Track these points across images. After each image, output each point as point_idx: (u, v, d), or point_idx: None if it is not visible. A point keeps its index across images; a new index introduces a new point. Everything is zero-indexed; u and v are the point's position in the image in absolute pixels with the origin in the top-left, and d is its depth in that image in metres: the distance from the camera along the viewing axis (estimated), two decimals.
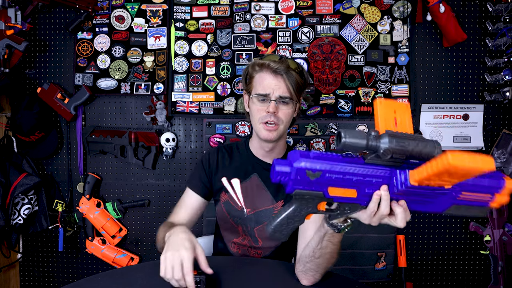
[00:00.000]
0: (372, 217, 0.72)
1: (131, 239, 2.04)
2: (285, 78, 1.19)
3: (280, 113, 1.21)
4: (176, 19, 1.96)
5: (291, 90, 1.20)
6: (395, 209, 0.70)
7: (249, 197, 1.28)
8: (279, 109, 1.20)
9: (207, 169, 1.32)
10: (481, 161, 0.51)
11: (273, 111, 1.19)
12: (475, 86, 1.95)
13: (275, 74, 1.19)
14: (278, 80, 1.19)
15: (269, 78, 1.20)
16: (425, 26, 1.94)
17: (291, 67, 1.20)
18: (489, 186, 0.66)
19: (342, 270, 1.94)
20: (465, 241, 1.99)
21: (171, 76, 1.96)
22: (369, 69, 1.92)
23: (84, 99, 1.92)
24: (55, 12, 2.00)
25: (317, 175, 0.65)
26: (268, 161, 1.31)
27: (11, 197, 1.83)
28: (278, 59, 1.21)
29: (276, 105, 1.20)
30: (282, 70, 1.18)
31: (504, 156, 1.91)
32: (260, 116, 1.22)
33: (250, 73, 1.26)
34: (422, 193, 0.67)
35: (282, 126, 1.22)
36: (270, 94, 1.20)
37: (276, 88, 1.19)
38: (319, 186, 0.66)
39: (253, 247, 1.29)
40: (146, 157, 1.96)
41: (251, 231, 1.28)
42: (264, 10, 1.93)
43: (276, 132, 1.21)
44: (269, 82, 1.20)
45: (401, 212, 0.70)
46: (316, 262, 0.94)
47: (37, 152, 1.97)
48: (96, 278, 1.02)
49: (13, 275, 2.06)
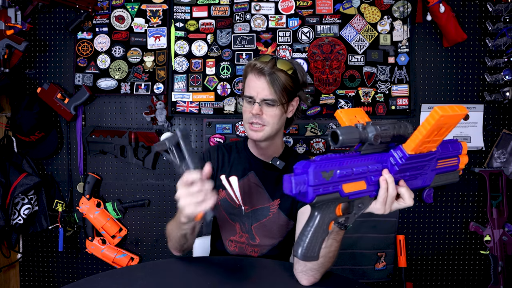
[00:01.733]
0: (384, 204, 0.75)
1: (131, 239, 2.04)
2: (268, 80, 1.19)
3: (265, 114, 1.21)
4: (176, 19, 1.96)
5: (275, 92, 1.19)
6: (400, 190, 0.75)
7: (247, 195, 1.29)
8: (263, 111, 1.21)
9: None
10: (459, 108, 0.64)
11: (256, 113, 1.20)
12: (475, 86, 1.95)
13: (259, 75, 1.20)
14: (262, 82, 1.20)
15: (255, 80, 1.21)
16: (425, 26, 1.94)
17: (281, 67, 1.20)
18: (453, 149, 0.78)
19: (342, 270, 1.94)
20: (465, 241, 1.99)
21: (171, 76, 1.96)
22: (369, 69, 1.92)
23: (84, 99, 1.92)
24: (55, 12, 2.00)
25: (331, 174, 0.67)
26: (265, 160, 1.31)
27: (11, 197, 1.83)
28: (268, 59, 1.21)
29: (260, 106, 1.20)
30: (266, 71, 1.18)
31: (504, 156, 1.91)
32: (246, 116, 1.24)
33: (244, 74, 1.28)
34: (417, 165, 0.73)
35: (269, 127, 1.23)
36: (255, 96, 1.21)
37: (260, 90, 1.20)
38: (334, 186, 0.68)
39: (250, 244, 1.30)
40: (146, 157, 1.96)
41: (248, 229, 1.29)
42: (264, 10, 1.93)
43: (262, 133, 1.23)
44: (254, 84, 1.21)
45: (406, 191, 0.75)
46: (318, 262, 0.94)
47: (37, 152, 1.97)
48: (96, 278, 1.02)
49: (13, 275, 2.06)
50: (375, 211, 0.77)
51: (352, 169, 0.68)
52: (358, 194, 0.72)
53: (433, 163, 0.76)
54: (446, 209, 1.98)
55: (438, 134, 0.67)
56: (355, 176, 0.69)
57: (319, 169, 0.65)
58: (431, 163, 0.75)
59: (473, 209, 1.98)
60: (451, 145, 0.79)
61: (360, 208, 0.75)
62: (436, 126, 0.63)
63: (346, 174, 0.68)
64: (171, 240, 1.17)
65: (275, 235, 1.28)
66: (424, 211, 1.98)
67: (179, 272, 1.08)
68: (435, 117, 0.61)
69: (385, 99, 1.93)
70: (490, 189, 1.89)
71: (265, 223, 1.27)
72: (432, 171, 0.77)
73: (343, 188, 0.68)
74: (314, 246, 0.71)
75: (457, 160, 0.80)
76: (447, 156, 0.77)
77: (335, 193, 0.68)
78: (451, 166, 0.79)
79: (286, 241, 1.30)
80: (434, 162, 0.76)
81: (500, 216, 1.88)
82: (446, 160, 0.78)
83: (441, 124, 0.63)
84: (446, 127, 0.66)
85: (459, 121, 0.65)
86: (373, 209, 0.77)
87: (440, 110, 0.61)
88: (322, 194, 0.67)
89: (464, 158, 0.81)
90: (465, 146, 0.81)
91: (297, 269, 1.01)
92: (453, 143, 0.79)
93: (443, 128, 0.66)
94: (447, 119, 0.63)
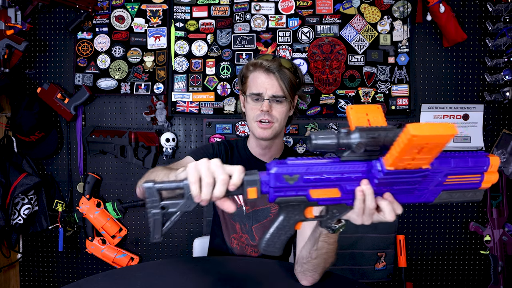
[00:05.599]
0: (362, 215, 0.70)
1: (131, 239, 2.04)
2: (277, 77, 1.19)
3: (274, 111, 1.21)
4: (176, 19, 1.96)
5: (284, 89, 1.20)
6: (380, 203, 0.68)
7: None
8: (272, 108, 1.21)
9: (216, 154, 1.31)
10: (442, 128, 0.52)
11: (266, 109, 1.19)
12: (475, 86, 1.95)
13: (268, 72, 1.20)
14: (271, 79, 1.20)
15: (262, 77, 1.21)
16: (425, 26, 1.94)
17: (284, 65, 1.21)
18: (474, 166, 0.66)
19: (342, 270, 1.94)
20: (465, 241, 1.99)
21: (171, 76, 1.96)
22: (369, 69, 1.92)
23: (84, 99, 1.92)
24: (55, 12, 2.00)
25: (295, 178, 0.65)
26: (266, 161, 1.31)
27: (11, 197, 1.83)
28: (271, 58, 1.22)
29: (270, 103, 1.20)
30: (274, 68, 1.19)
31: (504, 156, 1.91)
32: (255, 114, 1.23)
33: (245, 74, 1.27)
34: (403, 180, 0.65)
35: (277, 124, 1.23)
36: (263, 93, 1.20)
37: (269, 86, 1.20)
38: (300, 190, 0.67)
39: (250, 244, 1.30)
40: (146, 157, 1.96)
41: (249, 229, 1.29)
42: (264, 10, 1.93)
43: (270, 130, 1.22)
44: (262, 81, 1.21)
45: (386, 205, 0.68)
46: (313, 263, 0.94)
47: (37, 152, 1.97)
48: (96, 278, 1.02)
49: (13, 275, 2.06)
50: (353, 221, 0.74)
51: (322, 175, 0.66)
52: (330, 201, 0.69)
53: (437, 178, 0.67)
54: (446, 209, 1.98)
55: (423, 153, 0.57)
56: (326, 183, 0.67)
57: (281, 173, 0.65)
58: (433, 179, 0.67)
59: (473, 209, 1.98)
60: (473, 160, 0.66)
61: (335, 214, 0.72)
62: (410, 145, 0.55)
63: (314, 180, 0.66)
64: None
65: None
66: (424, 211, 1.98)
67: (179, 272, 1.08)
68: (406, 136, 0.53)
69: (385, 99, 1.93)
70: (490, 189, 1.89)
71: (265, 224, 1.27)
72: (438, 186, 0.68)
73: (311, 193, 0.67)
74: (275, 242, 0.73)
75: (480, 177, 0.67)
76: (462, 172, 0.67)
77: (301, 196, 0.67)
78: (469, 184, 0.68)
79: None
80: (440, 178, 0.67)
81: (500, 216, 1.88)
82: (461, 177, 0.67)
83: (418, 144, 0.55)
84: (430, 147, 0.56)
85: (447, 141, 0.55)
86: (350, 218, 0.73)
87: (412, 129, 0.52)
88: (284, 196, 0.67)
89: (491, 176, 0.68)
90: (495, 162, 0.67)
91: (296, 269, 1.01)
92: (477, 158, 0.67)
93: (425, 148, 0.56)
94: (424, 140, 0.53)
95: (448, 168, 0.66)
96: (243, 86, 1.29)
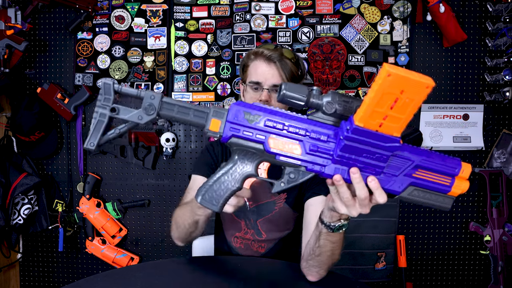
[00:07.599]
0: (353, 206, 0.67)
1: (131, 239, 2.04)
2: (278, 66, 1.17)
3: (274, 101, 1.18)
4: (176, 19, 1.96)
5: (284, 79, 1.17)
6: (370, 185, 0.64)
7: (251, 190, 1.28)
8: (272, 98, 1.18)
9: (214, 157, 1.30)
10: (419, 75, 0.50)
11: (265, 99, 1.16)
12: (475, 86, 1.95)
13: (269, 61, 1.17)
14: (271, 68, 1.17)
15: (263, 66, 1.18)
16: (425, 26, 1.94)
17: (286, 55, 1.19)
18: (445, 165, 0.63)
19: (342, 270, 1.94)
20: (465, 241, 1.99)
21: (171, 76, 1.96)
22: (369, 69, 1.92)
23: (84, 99, 1.92)
24: (55, 12, 2.00)
25: (256, 118, 0.61)
26: None
27: (11, 197, 1.83)
28: (273, 48, 1.20)
29: (269, 93, 1.18)
30: (275, 57, 1.16)
31: (504, 156, 1.91)
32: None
33: (246, 62, 1.24)
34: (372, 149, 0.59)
35: None
36: (263, 83, 1.18)
37: (269, 76, 1.17)
38: (259, 134, 0.62)
39: (257, 240, 1.29)
40: (146, 157, 1.96)
41: (254, 224, 1.28)
42: (264, 10, 1.93)
43: None
44: (262, 70, 1.18)
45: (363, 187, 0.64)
46: (318, 260, 0.94)
47: (37, 152, 1.97)
48: (96, 278, 1.02)
49: (13, 275, 2.06)
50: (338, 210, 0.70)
51: (284, 124, 0.61)
52: (289, 158, 0.63)
53: (406, 165, 0.63)
54: None
55: (396, 109, 0.53)
56: (287, 133, 0.61)
57: (243, 109, 0.60)
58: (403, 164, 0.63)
59: (473, 209, 1.98)
60: (446, 159, 0.64)
61: (292, 179, 0.65)
62: (385, 86, 0.50)
63: (275, 127, 0.61)
64: (178, 227, 1.11)
65: (282, 228, 1.27)
66: (424, 211, 1.98)
67: (179, 272, 1.08)
68: (382, 74, 0.49)
69: None
70: (490, 189, 1.89)
71: (270, 218, 1.26)
72: (406, 176, 0.64)
73: (269, 142, 0.62)
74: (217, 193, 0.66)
75: (450, 180, 0.64)
76: (434, 169, 0.64)
77: (259, 143, 0.62)
78: (438, 184, 0.65)
79: (294, 232, 1.29)
80: (410, 167, 0.63)
81: (500, 216, 1.88)
82: (432, 174, 0.64)
83: (393, 86, 0.50)
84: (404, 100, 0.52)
85: (423, 93, 0.52)
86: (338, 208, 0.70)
87: (388, 66, 0.49)
88: (242, 137, 0.61)
89: (462, 182, 0.65)
90: (467, 168, 0.64)
91: (302, 265, 1.02)
92: (450, 159, 0.64)
93: (400, 100, 0.52)
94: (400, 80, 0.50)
95: (419, 159, 0.63)
96: (244, 75, 1.26)
